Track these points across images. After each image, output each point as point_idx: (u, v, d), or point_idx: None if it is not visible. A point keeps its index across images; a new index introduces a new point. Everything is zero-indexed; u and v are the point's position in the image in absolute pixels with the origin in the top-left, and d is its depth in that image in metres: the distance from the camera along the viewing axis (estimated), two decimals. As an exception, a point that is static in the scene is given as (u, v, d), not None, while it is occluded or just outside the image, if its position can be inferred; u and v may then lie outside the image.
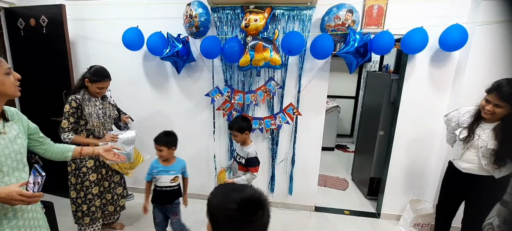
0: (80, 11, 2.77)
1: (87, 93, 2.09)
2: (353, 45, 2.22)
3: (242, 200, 0.75)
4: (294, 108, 2.64)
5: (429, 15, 2.31)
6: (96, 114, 2.11)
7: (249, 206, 0.75)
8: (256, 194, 0.78)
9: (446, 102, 2.50)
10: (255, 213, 0.75)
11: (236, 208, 0.73)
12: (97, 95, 2.13)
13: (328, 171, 4.07)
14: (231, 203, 0.74)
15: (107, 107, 2.23)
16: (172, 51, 2.44)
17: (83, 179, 2.17)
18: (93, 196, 2.24)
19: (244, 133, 2.08)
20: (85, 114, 2.06)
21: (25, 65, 2.91)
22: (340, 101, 5.27)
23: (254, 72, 2.66)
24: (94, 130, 2.13)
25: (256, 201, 0.77)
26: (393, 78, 2.83)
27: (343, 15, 2.22)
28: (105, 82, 2.09)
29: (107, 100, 2.25)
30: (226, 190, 0.81)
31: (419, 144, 2.65)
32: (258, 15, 2.28)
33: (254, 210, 0.75)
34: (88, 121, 2.08)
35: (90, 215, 2.26)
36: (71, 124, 2.03)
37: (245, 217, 0.74)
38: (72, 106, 2.00)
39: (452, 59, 2.41)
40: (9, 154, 1.18)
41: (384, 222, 2.87)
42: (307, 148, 2.84)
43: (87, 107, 2.06)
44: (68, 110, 2.01)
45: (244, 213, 0.73)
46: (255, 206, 0.76)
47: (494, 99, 1.69)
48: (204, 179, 3.09)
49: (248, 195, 0.77)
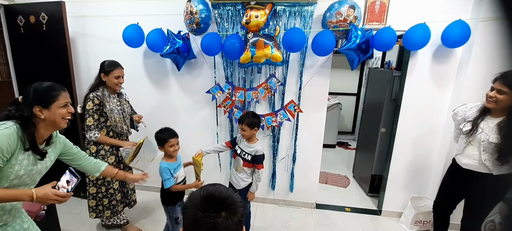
0: (80, 8, 2.75)
1: (106, 90, 2.13)
2: (355, 42, 2.20)
3: (205, 196, 0.73)
4: (295, 105, 2.63)
5: (432, 11, 2.29)
6: (116, 110, 2.17)
7: (211, 202, 0.71)
8: (223, 193, 0.74)
9: (448, 99, 2.49)
10: (217, 211, 0.70)
11: (199, 203, 0.71)
12: (116, 88, 2.17)
13: (329, 168, 4.06)
14: (196, 199, 0.72)
15: (124, 104, 2.28)
16: (172, 48, 2.43)
17: None
18: (115, 191, 2.32)
19: (253, 128, 2.09)
20: (106, 111, 2.10)
21: (25, 62, 2.90)
22: (342, 98, 5.25)
23: (255, 69, 2.65)
24: (115, 125, 2.17)
25: (222, 199, 0.72)
26: (395, 75, 2.81)
27: (345, 11, 2.19)
28: (120, 70, 2.15)
29: (123, 97, 2.30)
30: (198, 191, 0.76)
31: (421, 141, 2.64)
32: (259, 12, 2.26)
33: (215, 207, 0.70)
34: (109, 117, 2.12)
35: (111, 208, 2.34)
36: (96, 121, 2.08)
37: (207, 213, 0.69)
38: (95, 104, 2.05)
39: (455, 55, 2.38)
40: (29, 173, 1.24)
41: (386, 219, 2.87)
42: (308, 145, 2.83)
43: (108, 104, 2.10)
44: (92, 107, 2.05)
45: (205, 209, 0.69)
46: (217, 203, 0.71)
47: (498, 85, 1.71)
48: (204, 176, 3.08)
49: (212, 191, 0.74)
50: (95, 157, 2.17)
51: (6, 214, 1.25)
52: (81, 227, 2.59)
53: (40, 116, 1.20)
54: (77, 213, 2.80)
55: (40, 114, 1.20)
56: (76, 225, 2.60)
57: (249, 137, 2.12)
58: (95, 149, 2.19)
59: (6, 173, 1.14)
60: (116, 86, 2.15)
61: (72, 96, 2.80)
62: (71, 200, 3.01)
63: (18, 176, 1.18)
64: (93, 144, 2.17)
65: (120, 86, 2.20)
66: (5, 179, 1.15)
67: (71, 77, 2.76)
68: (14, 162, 1.14)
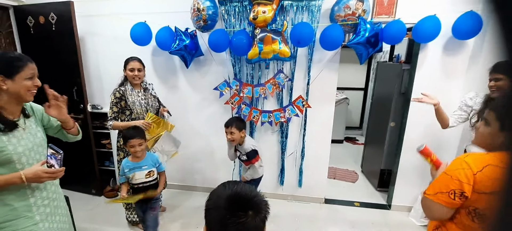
0: (88, 8, 2.78)
1: (130, 84, 2.28)
2: (363, 35, 2.18)
3: (230, 196, 0.73)
4: (304, 100, 2.62)
5: (442, 2, 2.24)
6: (138, 103, 2.29)
7: (238, 203, 0.72)
8: (248, 193, 0.75)
9: (460, 92, 2.44)
10: (244, 210, 0.71)
11: (224, 204, 0.72)
12: (134, 81, 2.28)
13: (338, 164, 4.05)
14: (221, 200, 0.73)
15: (149, 98, 2.39)
16: (180, 45, 2.44)
17: None
18: None
19: (241, 131, 2.16)
20: (129, 104, 2.25)
21: (35, 62, 2.92)
22: (349, 93, 5.21)
23: (263, 65, 2.64)
24: (138, 117, 2.30)
25: (247, 199, 0.74)
26: (404, 68, 2.77)
27: (354, 4, 2.17)
28: (134, 62, 2.26)
29: (148, 92, 2.41)
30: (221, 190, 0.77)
31: (431, 134, 2.60)
32: (266, 7, 2.25)
33: (243, 207, 0.72)
34: (132, 109, 2.27)
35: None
36: (114, 113, 2.23)
37: (234, 213, 0.70)
38: (116, 97, 2.22)
39: (466, 47, 2.34)
40: (32, 147, 1.26)
41: (395, 213, 2.86)
42: (317, 141, 2.82)
43: (131, 97, 2.26)
44: (112, 100, 2.23)
45: (232, 209, 0.71)
46: (245, 204, 0.73)
47: (493, 75, 1.79)
48: (212, 172, 3.12)
49: (237, 191, 0.75)
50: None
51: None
52: (94, 223, 2.64)
53: (2, 86, 1.14)
54: (90, 209, 2.86)
55: (2, 84, 1.14)
56: (89, 221, 2.65)
57: (238, 139, 2.18)
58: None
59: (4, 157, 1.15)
60: (133, 79, 2.27)
61: (82, 95, 2.84)
62: (84, 196, 3.07)
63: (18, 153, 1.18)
64: (121, 137, 2.24)
65: (137, 79, 2.29)
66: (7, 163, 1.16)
67: (81, 76, 2.80)
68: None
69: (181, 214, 2.81)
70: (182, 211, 2.86)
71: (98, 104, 3.05)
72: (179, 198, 3.09)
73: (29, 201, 1.25)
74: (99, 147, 3.13)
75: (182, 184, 3.24)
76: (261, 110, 2.71)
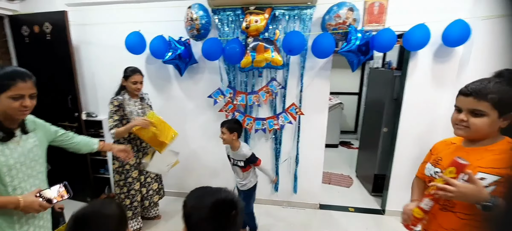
0: (83, 17, 2.80)
1: (128, 94, 2.29)
2: (354, 44, 2.22)
3: (215, 204, 0.80)
4: (297, 108, 2.65)
5: (431, 10, 2.29)
6: (136, 113, 2.31)
7: (222, 208, 0.80)
8: (228, 196, 0.84)
9: (450, 98, 2.49)
10: (228, 213, 0.80)
11: (209, 211, 0.79)
12: (135, 92, 2.31)
13: (332, 168, 4.07)
14: (204, 207, 0.79)
15: (146, 108, 2.43)
16: (174, 54, 2.46)
17: (126, 175, 2.39)
18: (136, 192, 2.45)
19: (232, 133, 2.11)
20: (127, 113, 2.27)
21: (30, 71, 2.93)
22: (343, 97, 5.25)
23: (256, 73, 2.67)
24: None
25: (229, 202, 0.82)
26: (396, 75, 2.81)
27: (344, 13, 2.21)
28: (138, 76, 2.29)
29: (145, 101, 2.44)
30: (201, 194, 0.86)
31: (423, 140, 2.64)
32: (258, 16, 2.29)
33: (227, 211, 0.80)
34: (130, 118, 2.27)
35: (132, 209, 2.46)
36: (115, 122, 2.24)
37: (219, 218, 0.79)
38: (114, 105, 2.23)
39: (455, 54, 2.39)
40: (24, 162, 1.25)
41: (389, 218, 2.88)
42: (311, 147, 2.85)
43: (128, 106, 2.27)
44: (111, 109, 2.24)
45: (217, 215, 0.79)
46: (228, 207, 0.81)
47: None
48: (206, 179, 3.12)
49: (221, 197, 0.82)
50: (121, 172, 2.36)
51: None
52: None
53: None
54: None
55: None
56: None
57: (228, 141, 2.16)
58: (118, 164, 2.37)
59: None
60: (135, 91, 2.29)
61: (77, 104, 2.85)
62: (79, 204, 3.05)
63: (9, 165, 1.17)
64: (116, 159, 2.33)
65: (139, 91, 2.33)
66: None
67: (76, 84, 2.81)
68: None
69: (176, 222, 2.82)
70: (177, 220, 2.86)
71: (93, 112, 3.06)
72: (175, 205, 3.09)
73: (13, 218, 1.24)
74: (94, 155, 3.13)
75: (178, 191, 3.24)
76: (255, 117, 2.73)
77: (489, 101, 0.96)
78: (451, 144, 1.20)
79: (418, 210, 1.08)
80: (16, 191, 1.22)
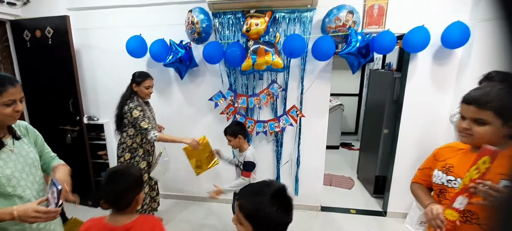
0: (84, 21, 2.82)
1: (140, 99, 2.31)
2: (354, 46, 2.23)
3: (276, 191, 0.87)
4: (297, 110, 2.66)
5: (430, 13, 2.30)
6: (152, 117, 2.38)
7: (282, 193, 0.89)
8: (277, 183, 0.92)
9: (450, 100, 2.50)
10: (288, 196, 0.90)
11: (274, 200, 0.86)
12: (147, 97, 2.35)
13: (334, 170, 4.07)
14: (267, 198, 0.86)
15: (152, 111, 2.49)
16: (175, 57, 2.48)
17: None
18: (145, 195, 2.45)
19: (237, 137, 2.07)
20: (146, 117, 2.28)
21: (32, 75, 2.96)
22: (344, 99, 5.26)
23: (257, 75, 2.68)
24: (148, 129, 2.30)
25: (283, 187, 0.91)
26: (396, 77, 2.82)
27: (344, 16, 2.22)
28: (150, 80, 2.33)
29: (150, 105, 2.49)
30: (256, 190, 0.91)
31: (423, 141, 2.64)
32: (259, 19, 2.30)
33: (286, 194, 0.89)
34: None
35: (142, 213, 2.43)
36: (150, 123, 2.26)
37: (283, 203, 0.87)
38: (140, 110, 2.24)
39: (455, 56, 2.40)
40: (22, 169, 1.20)
41: (391, 220, 2.88)
42: (312, 149, 2.85)
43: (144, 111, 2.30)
44: (140, 114, 2.22)
45: (281, 200, 0.87)
46: (285, 191, 0.90)
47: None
48: (208, 183, 3.11)
49: (275, 185, 0.90)
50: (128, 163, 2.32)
51: None
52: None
53: None
54: (86, 221, 2.85)
55: None
56: None
57: (236, 145, 2.13)
58: (129, 156, 2.34)
59: None
60: (147, 96, 2.34)
61: (78, 107, 2.86)
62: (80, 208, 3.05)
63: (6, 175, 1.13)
64: (128, 152, 2.32)
65: (150, 96, 2.37)
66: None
67: (77, 88, 2.82)
68: None
69: (176, 223, 2.82)
70: (177, 223, 2.86)
71: (94, 116, 3.07)
72: (176, 208, 3.09)
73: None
74: (95, 158, 3.13)
75: (178, 194, 3.24)
76: (256, 120, 2.74)
77: (491, 110, 0.93)
78: (458, 149, 1.14)
79: (451, 211, 0.98)
80: (24, 201, 1.17)
